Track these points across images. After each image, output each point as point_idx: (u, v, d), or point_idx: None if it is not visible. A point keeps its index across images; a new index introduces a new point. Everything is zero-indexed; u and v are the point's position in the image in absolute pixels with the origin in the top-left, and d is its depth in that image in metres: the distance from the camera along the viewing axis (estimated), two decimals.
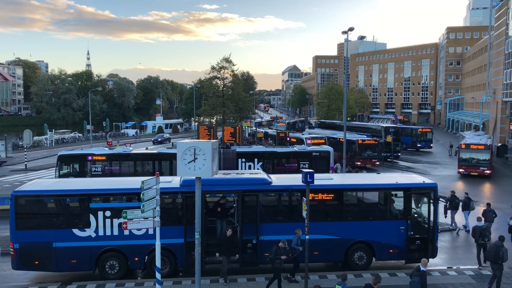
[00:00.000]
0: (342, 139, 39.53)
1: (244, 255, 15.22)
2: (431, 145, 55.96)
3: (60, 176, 27.23)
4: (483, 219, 17.90)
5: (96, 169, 27.64)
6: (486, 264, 16.99)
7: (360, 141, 40.42)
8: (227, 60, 59.08)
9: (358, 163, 39.30)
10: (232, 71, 60.78)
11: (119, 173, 27.64)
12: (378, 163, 40.78)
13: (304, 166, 27.91)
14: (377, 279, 11.19)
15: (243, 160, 28.23)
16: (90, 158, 27.66)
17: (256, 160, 28.52)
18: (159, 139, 70.22)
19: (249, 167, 28.20)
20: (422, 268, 11.84)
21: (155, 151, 29.67)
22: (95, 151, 28.64)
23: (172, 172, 26.03)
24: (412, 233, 15.73)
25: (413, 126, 64.22)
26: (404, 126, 65.62)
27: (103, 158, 27.78)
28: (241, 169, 27.78)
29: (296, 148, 30.46)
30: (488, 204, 20.02)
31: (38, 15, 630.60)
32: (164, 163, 27.94)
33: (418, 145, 55.95)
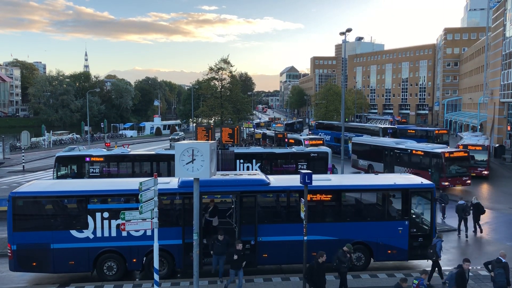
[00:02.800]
0: (417, 150, 31.66)
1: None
2: (448, 147, 53.81)
3: (58, 177, 27.19)
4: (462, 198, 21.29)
5: (94, 170, 27.62)
6: (468, 233, 19.89)
7: (447, 154, 29.45)
8: (225, 61, 59.17)
9: (446, 183, 28.92)
10: (230, 72, 60.89)
11: (117, 174, 27.61)
12: (469, 181, 30.42)
13: (302, 167, 27.92)
14: (466, 260, 12.28)
15: (241, 161, 28.23)
16: (88, 159, 27.63)
17: (254, 161, 28.52)
18: None
19: (247, 168, 28.20)
20: (503, 260, 12.24)
21: (153, 152, 29.67)
22: (93, 152, 28.61)
23: (170, 173, 25.99)
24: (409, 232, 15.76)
25: (428, 128, 61.51)
26: (419, 127, 64.49)
27: (101, 159, 27.75)
28: (239, 170, 27.78)
29: (294, 149, 30.44)
30: (442, 190, 24.14)
31: (36, 16, 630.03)
32: (162, 164, 27.92)
33: None
